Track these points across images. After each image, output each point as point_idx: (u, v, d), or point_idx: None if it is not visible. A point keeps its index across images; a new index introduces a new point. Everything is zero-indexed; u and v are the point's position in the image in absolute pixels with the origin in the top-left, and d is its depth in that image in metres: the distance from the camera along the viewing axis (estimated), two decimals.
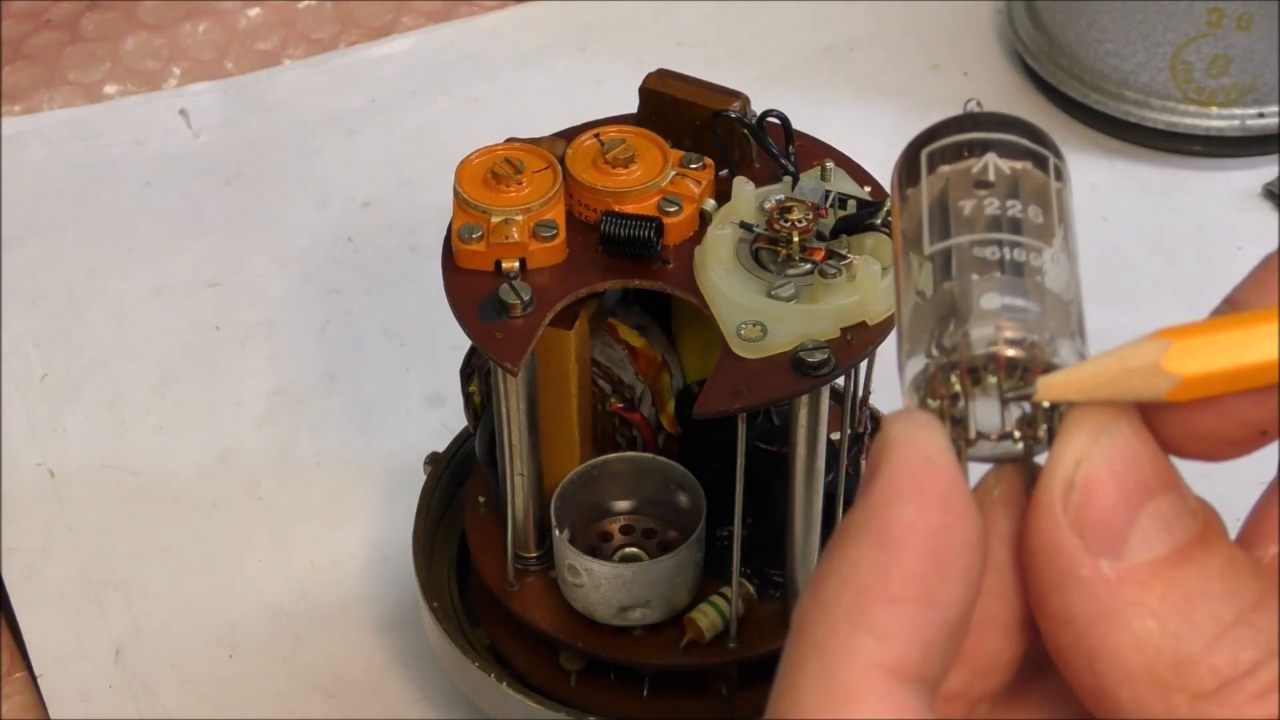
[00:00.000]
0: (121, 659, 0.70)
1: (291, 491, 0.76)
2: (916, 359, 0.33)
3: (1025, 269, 0.33)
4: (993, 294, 0.33)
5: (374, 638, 0.70)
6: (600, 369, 0.62)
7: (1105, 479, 0.32)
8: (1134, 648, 0.31)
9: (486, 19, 0.98)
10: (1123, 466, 0.32)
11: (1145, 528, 0.31)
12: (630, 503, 0.63)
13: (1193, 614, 0.31)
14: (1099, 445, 0.32)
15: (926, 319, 0.33)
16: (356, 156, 0.91)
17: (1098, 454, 0.32)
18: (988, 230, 0.33)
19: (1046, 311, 0.33)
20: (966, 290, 0.33)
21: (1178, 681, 0.30)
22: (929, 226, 0.34)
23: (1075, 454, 0.32)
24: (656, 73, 0.62)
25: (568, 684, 0.63)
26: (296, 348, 0.82)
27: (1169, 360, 0.32)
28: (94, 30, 0.96)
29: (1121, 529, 0.31)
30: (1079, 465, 0.32)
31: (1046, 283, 0.33)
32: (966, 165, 0.34)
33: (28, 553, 0.74)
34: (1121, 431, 0.32)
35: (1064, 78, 0.91)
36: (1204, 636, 0.31)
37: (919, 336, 0.33)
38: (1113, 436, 0.32)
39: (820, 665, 0.31)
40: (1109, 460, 0.32)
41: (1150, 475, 0.32)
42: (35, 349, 0.82)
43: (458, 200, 0.58)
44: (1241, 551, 0.32)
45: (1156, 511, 0.32)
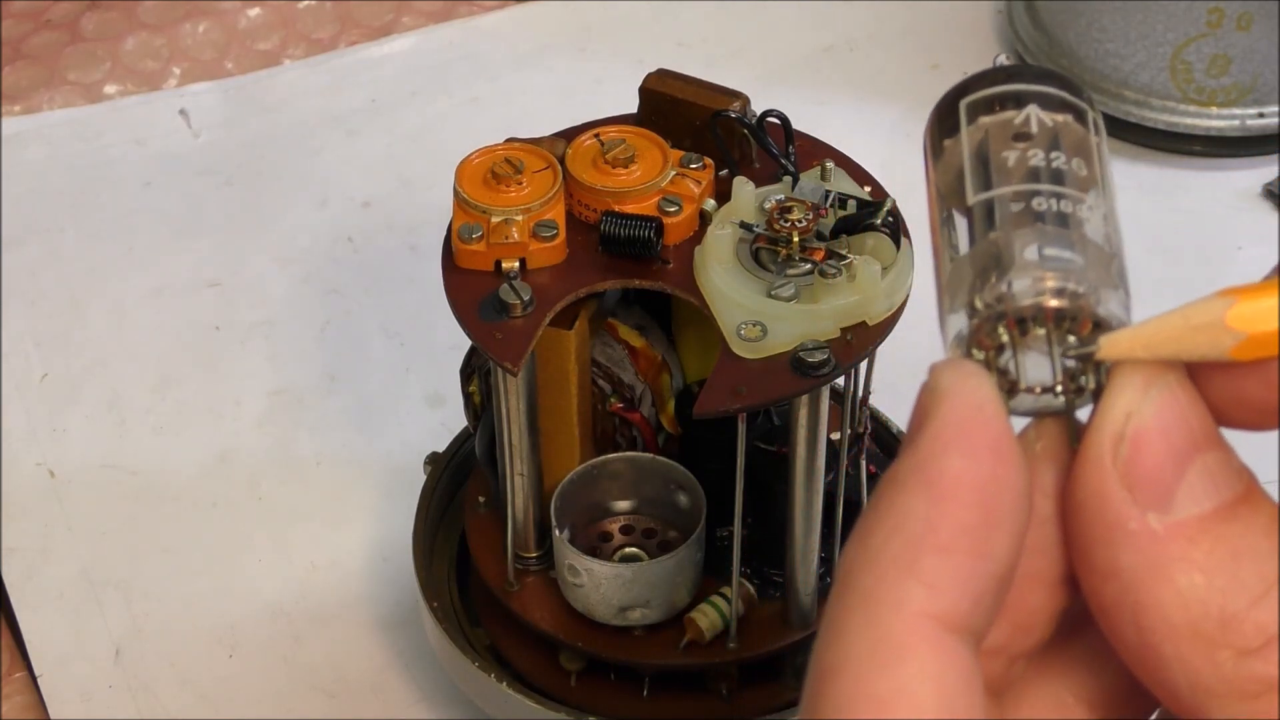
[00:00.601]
0: (121, 659, 0.70)
1: (291, 491, 0.76)
2: (958, 314, 0.33)
3: (1070, 220, 0.33)
4: (1038, 245, 0.33)
5: (374, 638, 0.70)
6: (600, 369, 0.62)
7: (1155, 433, 0.31)
8: (1180, 603, 0.31)
9: (486, 19, 0.98)
10: (1172, 421, 0.32)
11: (1192, 483, 0.31)
12: (630, 503, 0.63)
13: (1239, 570, 0.31)
14: (1149, 399, 0.32)
15: (966, 272, 0.33)
16: (356, 156, 0.91)
17: (1148, 408, 0.32)
18: (1030, 181, 0.33)
19: (1090, 263, 0.33)
20: (1010, 241, 0.33)
21: (1223, 638, 0.30)
22: (971, 177, 0.34)
23: (1126, 407, 0.32)
24: (656, 73, 0.62)
25: (568, 684, 0.63)
26: (296, 348, 0.82)
27: (1234, 318, 0.32)
28: (94, 30, 0.96)
29: (1170, 483, 0.31)
30: (1129, 418, 0.31)
31: (1089, 234, 0.33)
32: (1008, 117, 0.34)
33: (28, 553, 0.74)
34: (1171, 386, 0.32)
35: None
36: (1250, 593, 0.30)
37: (959, 290, 0.33)
38: (1162, 391, 0.32)
39: (868, 614, 0.30)
40: (1159, 414, 0.32)
41: (1198, 431, 0.32)
42: (35, 349, 0.82)
43: (458, 200, 0.58)
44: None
45: (1204, 467, 0.32)
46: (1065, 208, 0.33)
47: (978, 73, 0.35)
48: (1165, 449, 0.31)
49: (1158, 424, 0.31)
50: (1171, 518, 0.31)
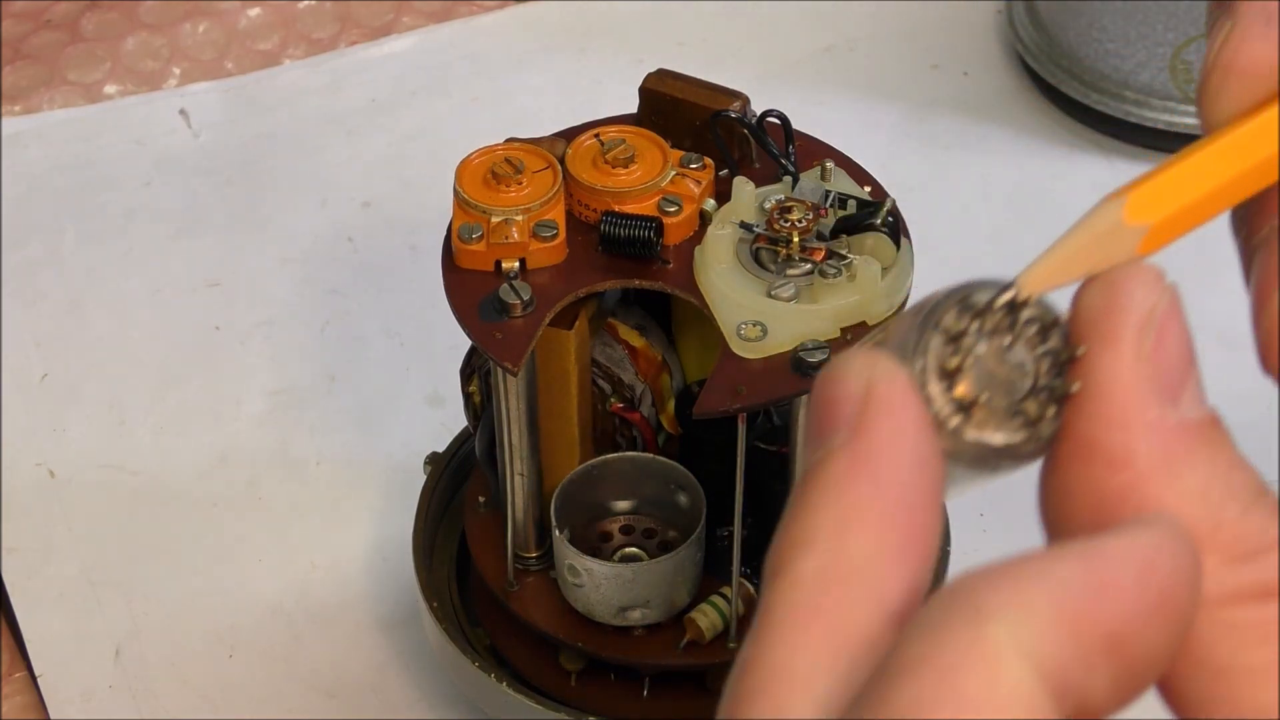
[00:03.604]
0: (121, 659, 0.70)
1: (291, 491, 0.76)
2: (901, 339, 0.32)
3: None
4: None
5: (374, 638, 0.70)
6: (600, 369, 0.62)
7: (1176, 326, 0.31)
8: (1183, 501, 0.30)
9: (486, 19, 0.98)
10: (1182, 323, 0.31)
11: (1192, 388, 0.31)
12: (630, 503, 0.63)
13: (1232, 478, 0.31)
14: (1166, 297, 0.31)
15: (910, 312, 0.32)
16: (356, 156, 0.91)
17: (1166, 304, 0.31)
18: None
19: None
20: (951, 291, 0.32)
21: (1214, 541, 0.30)
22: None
23: (1149, 299, 0.31)
24: (656, 73, 0.62)
25: (568, 684, 0.63)
26: (296, 348, 0.82)
27: (1131, 212, 0.32)
28: (94, 30, 0.96)
29: (1182, 381, 0.31)
30: (1154, 309, 0.31)
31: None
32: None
33: (28, 553, 0.74)
34: (1175, 291, 0.31)
35: (1064, 78, 0.91)
36: (1240, 502, 0.30)
37: (899, 325, 0.32)
38: (1173, 293, 0.31)
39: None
40: (1174, 312, 0.31)
41: (1191, 340, 0.32)
42: (35, 349, 0.82)
43: (458, 200, 0.58)
44: None
45: (1197, 377, 0.31)
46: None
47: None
48: (1180, 347, 0.31)
49: (1175, 320, 0.31)
50: (1181, 415, 0.31)
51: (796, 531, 0.30)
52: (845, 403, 0.31)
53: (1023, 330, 0.32)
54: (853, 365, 0.31)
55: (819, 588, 0.30)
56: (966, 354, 0.31)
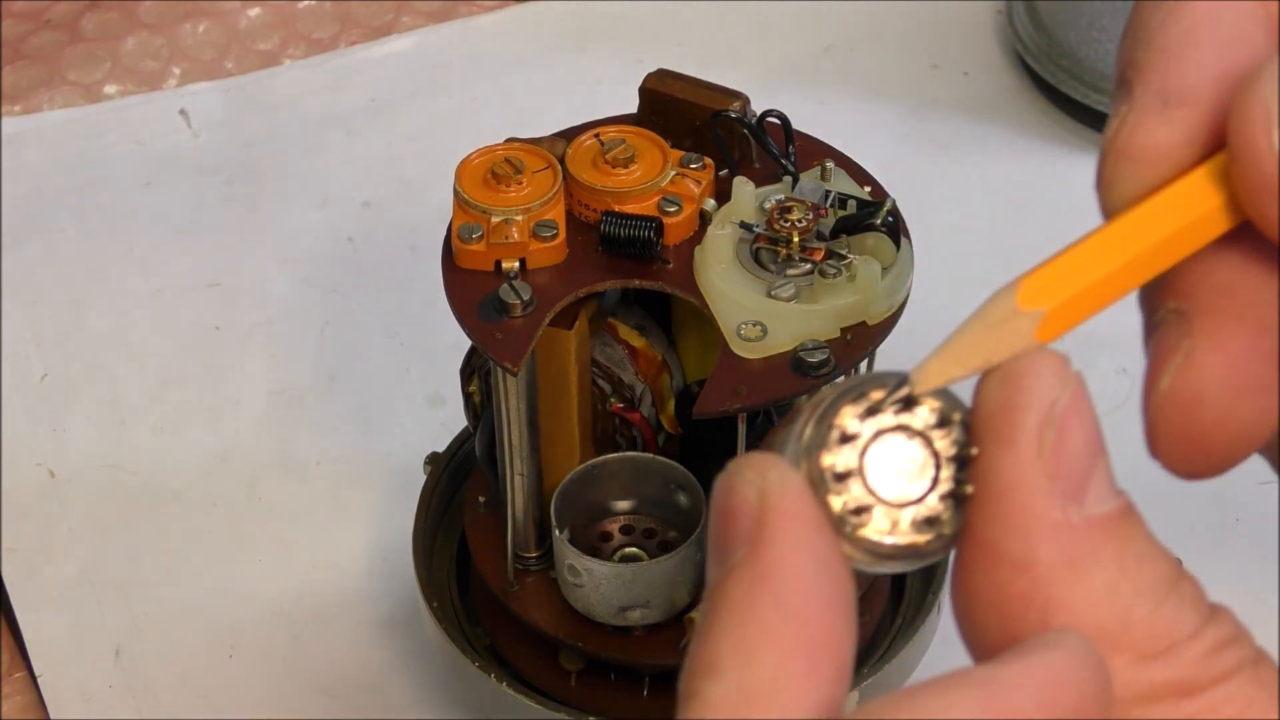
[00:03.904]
0: (121, 659, 0.70)
1: (291, 491, 0.76)
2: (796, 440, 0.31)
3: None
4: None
5: (374, 638, 0.70)
6: (600, 369, 0.62)
7: (1077, 422, 0.30)
8: (1089, 602, 0.30)
9: (486, 19, 0.98)
10: (1088, 412, 0.30)
11: (1099, 481, 0.30)
12: (630, 503, 0.63)
13: (1142, 573, 0.30)
14: (1067, 387, 0.30)
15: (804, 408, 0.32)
16: (356, 156, 0.91)
17: (1067, 396, 0.30)
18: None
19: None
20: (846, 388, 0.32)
21: (1124, 641, 0.29)
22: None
23: (1049, 393, 0.30)
24: (656, 73, 0.62)
25: (568, 684, 0.63)
26: (296, 348, 0.82)
27: (1024, 298, 0.31)
28: (94, 30, 0.96)
29: (1086, 477, 0.30)
30: (1055, 405, 0.30)
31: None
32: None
33: (28, 553, 0.74)
34: (1079, 380, 0.31)
35: (1064, 78, 0.91)
36: (1151, 597, 0.30)
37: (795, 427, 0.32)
38: (1077, 384, 0.30)
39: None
40: (1077, 404, 0.30)
41: (1098, 430, 0.31)
42: (35, 349, 0.82)
43: (458, 200, 0.58)
44: None
45: (1106, 466, 0.31)
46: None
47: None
48: (1085, 441, 0.30)
49: (1078, 413, 0.30)
50: (1086, 513, 0.30)
51: (705, 656, 0.30)
52: (741, 515, 0.30)
53: (922, 424, 0.31)
54: (745, 474, 0.30)
55: (725, 715, 0.29)
56: (862, 451, 0.31)
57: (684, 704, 0.30)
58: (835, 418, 0.31)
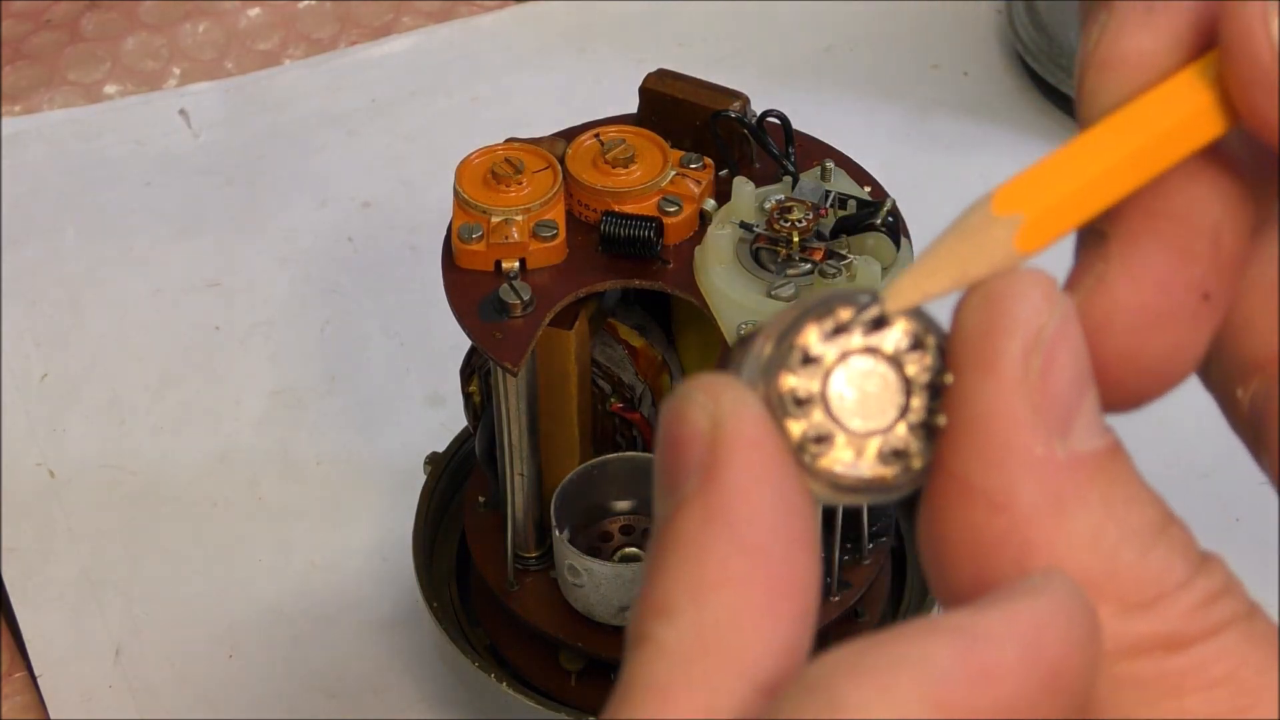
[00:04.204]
0: (121, 659, 0.70)
1: (291, 491, 0.76)
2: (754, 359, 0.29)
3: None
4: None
5: (374, 638, 0.70)
6: (600, 369, 0.62)
7: (1066, 350, 0.27)
8: (1072, 546, 0.27)
9: (486, 19, 0.98)
10: (1077, 339, 0.28)
11: (1087, 416, 0.28)
12: (630, 503, 0.63)
13: (1129, 517, 0.27)
14: (1057, 314, 0.27)
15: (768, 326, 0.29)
16: (356, 156, 0.91)
17: (1055, 322, 0.27)
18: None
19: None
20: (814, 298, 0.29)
21: (1109, 589, 0.27)
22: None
23: (1036, 317, 0.27)
24: (656, 73, 0.62)
25: (568, 684, 0.63)
26: (296, 348, 0.82)
27: (1000, 204, 0.29)
28: (94, 30, 0.96)
29: (1073, 410, 0.27)
30: (1042, 330, 0.27)
31: None
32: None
33: (28, 553, 0.74)
34: (1069, 304, 0.28)
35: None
36: (1138, 543, 0.27)
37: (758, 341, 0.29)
38: (1067, 307, 0.28)
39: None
40: (1066, 331, 0.27)
41: (1088, 360, 0.28)
42: (35, 349, 0.82)
43: (458, 200, 0.58)
44: None
45: (1094, 400, 0.28)
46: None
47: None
48: (1073, 371, 0.27)
49: (1067, 340, 0.27)
50: (1072, 449, 0.27)
51: (656, 596, 0.27)
52: (692, 444, 0.27)
53: (893, 347, 0.29)
54: (696, 398, 0.28)
55: (681, 660, 0.26)
56: (826, 375, 0.28)
57: (634, 647, 0.27)
58: (797, 336, 0.28)
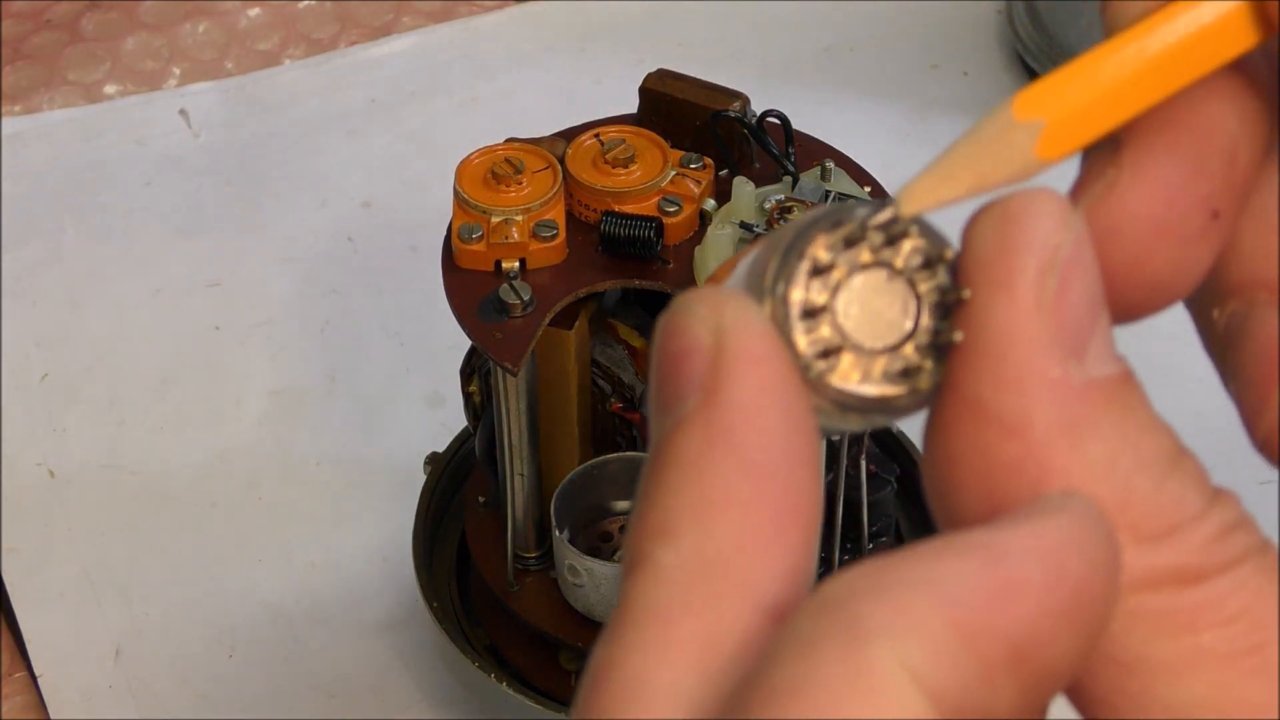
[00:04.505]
0: (121, 659, 0.70)
1: (291, 491, 0.76)
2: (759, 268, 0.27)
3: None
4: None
5: (374, 638, 0.70)
6: (600, 369, 0.62)
7: (1080, 271, 0.26)
8: (1087, 474, 0.26)
9: (486, 19, 0.98)
10: (1091, 261, 0.27)
11: (1100, 341, 0.27)
12: (630, 503, 0.63)
13: (1143, 445, 0.26)
14: (1072, 235, 0.26)
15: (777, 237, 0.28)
16: (356, 156, 0.91)
17: (1071, 244, 0.26)
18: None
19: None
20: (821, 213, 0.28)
21: (1123, 520, 0.26)
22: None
23: (1052, 237, 0.26)
24: (656, 73, 0.62)
25: (568, 684, 0.63)
26: (296, 348, 0.82)
27: (1021, 109, 0.28)
28: (94, 30, 0.97)
29: (1087, 333, 0.26)
30: (1058, 250, 0.26)
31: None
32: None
33: (28, 553, 0.74)
34: (1084, 226, 0.27)
35: None
36: (1153, 473, 0.26)
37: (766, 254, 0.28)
38: (1081, 229, 0.27)
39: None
40: (1080, 254, 0.26)
41: (1101, 284, 0.27)
42: (35, 349, 0.82)
43: (458, 200, 0.58)
44: None
45: (1107, 326, 0.27)
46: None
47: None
48: (1088, 294, 0.26)
49: (1082, 263, 0.26)
50: (1087, 373, 0.26)
51: (655, 517, 0.26)
52: (693, 358, 0.26)
53: (904, 263, 0.27)
54: (697, 311, 0.26)
55: (682, 584, 0.25)
56: (835, 289, 0.27)
57: (633, 570, 0.26)
58: (807, 246, 0.27)
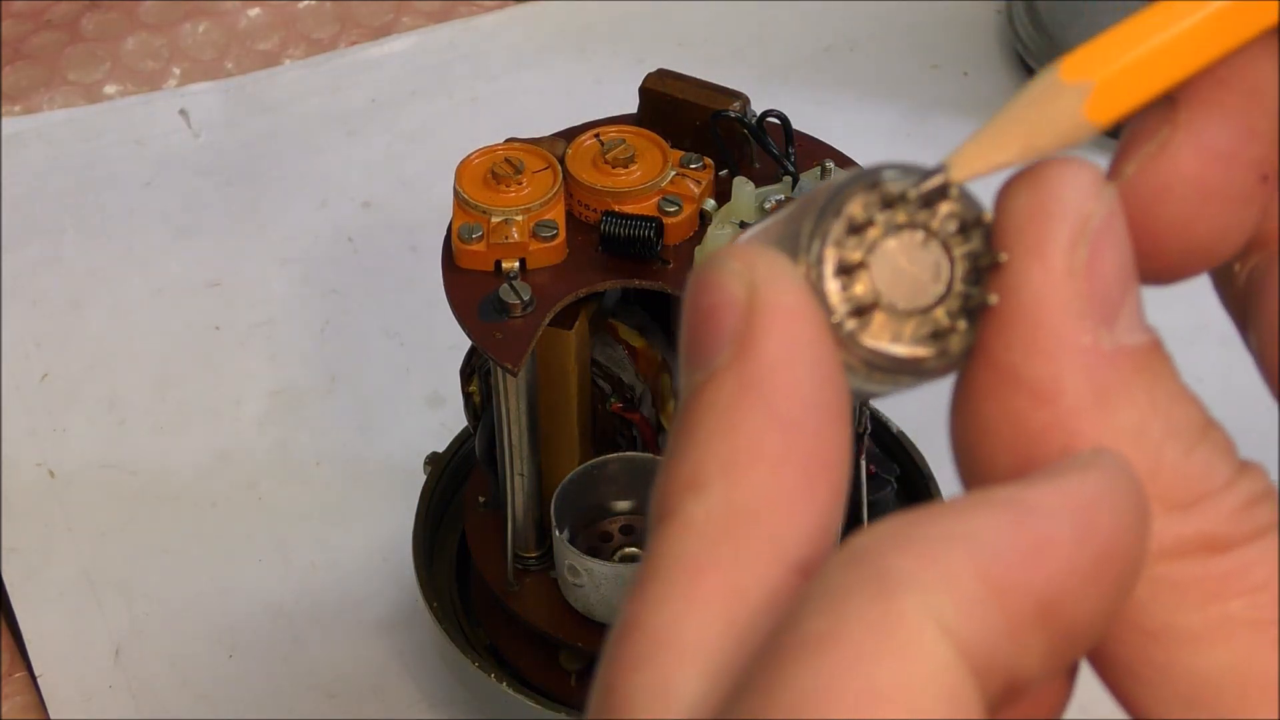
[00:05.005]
0: (121, 659, 0.70)
1: (291, 491, 0.76)
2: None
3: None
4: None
5: (374, 638, 0.70)
6: (600, 369, 0.62)
7: (1112, 239, 0.27)
8: (1117, 441, 0.26)
9: (486, 19, 0.98)
10: (1122, 234, 0.27)
11: (1131, 310, 0.27)
12: (630, 503, 0.63)
13: (1173, 413, 0.26)
14: (1104, 204, 0.27)
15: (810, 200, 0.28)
16: (356, 156, 0.91)
17: (1103, 213, 0.27)
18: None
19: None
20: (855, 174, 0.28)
21: (1152, 488, 0.26)
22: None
23: (1083, 205, 0.27)
24: (656, 73, 0.62)
25: (568, 684, 0.63)
26: (296, 348, 0.82)
27: (1069, 70, 0.27)
28: (94, 30, 0.96)
29: (1118, 302, 0.26)
30: (1089, 218, 0.26)
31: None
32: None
33: (28, 553, 0.74)
34: (1115, 195, 0.27)
35: None
36: (1183, 440, 0.26)
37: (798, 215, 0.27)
38: (1113, 199, 0.27)
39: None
40: (1112, 223, 0.27)
41: (1131, 254, 0.27)
42: (35, 349, 0.82)
43: (458, 200, 0.58)
44: None
45: (1137, 296, 0.27)
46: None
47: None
48: (1119, 263, 0.27)
49: (1113, 231, 0.27)
50: (1118, 341, 0.26)
51: (684, 470, 0.26)
52: (726, 312, 0.26)
53: (940, 226, 0.28)
54: (730, 265, 0.26)
55: (711, 538, 0.25)
56: (870, 248, 0.27)
57: (661, 522, 0.26)
58: (844, 205, 0.27)
